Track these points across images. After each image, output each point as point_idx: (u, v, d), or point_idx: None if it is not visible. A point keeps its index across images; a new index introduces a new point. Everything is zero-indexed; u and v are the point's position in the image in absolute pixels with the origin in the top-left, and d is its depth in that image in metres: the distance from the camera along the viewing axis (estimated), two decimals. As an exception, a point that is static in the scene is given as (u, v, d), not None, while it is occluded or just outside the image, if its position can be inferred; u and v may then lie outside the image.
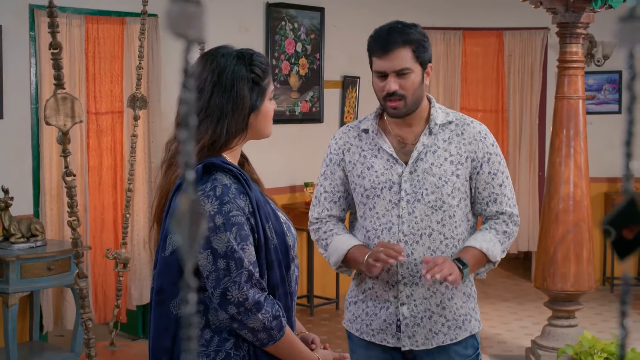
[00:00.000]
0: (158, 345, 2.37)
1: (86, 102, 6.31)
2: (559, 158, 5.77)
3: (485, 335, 6.93)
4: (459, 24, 8.70)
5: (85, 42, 6.27)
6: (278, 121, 7.54)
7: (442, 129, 3.01)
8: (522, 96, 8.70)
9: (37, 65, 6.03)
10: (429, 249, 2.95)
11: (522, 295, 8.18)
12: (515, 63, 8.70)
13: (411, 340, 3.00)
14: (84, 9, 6.28)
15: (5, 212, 5.53)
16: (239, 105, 2.36)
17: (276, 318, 2.30)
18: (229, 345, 2.33)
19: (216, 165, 2.32)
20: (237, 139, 2.40)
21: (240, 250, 2.26)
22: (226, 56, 2.41)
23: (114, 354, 4.12)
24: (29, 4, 5.96)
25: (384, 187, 2.98)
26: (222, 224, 2.26)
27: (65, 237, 6.16)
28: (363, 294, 3.10)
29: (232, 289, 2.26)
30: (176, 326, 2.35)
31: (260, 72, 2.41)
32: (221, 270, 2.26)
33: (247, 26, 7.35)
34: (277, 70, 7.54)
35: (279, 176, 7.42)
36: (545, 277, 5.82)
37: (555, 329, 5.93)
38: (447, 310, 3.01)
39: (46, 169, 6.08)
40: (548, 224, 5.82)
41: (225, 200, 2.27)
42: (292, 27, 7.62)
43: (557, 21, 5.77)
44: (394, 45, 2.89)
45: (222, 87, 2.36)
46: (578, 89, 5.76)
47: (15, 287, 5.33)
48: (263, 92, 2.41)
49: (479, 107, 8.89)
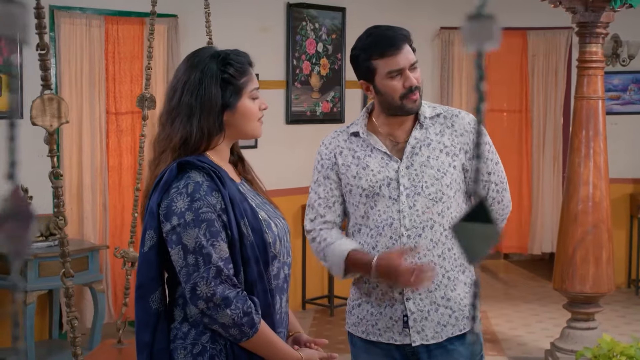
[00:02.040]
0: (140, 339, 2.43)
1: (106, 102, 6.36)
2: (578, 159, 5.72)
3: (505, 336, 6.89)
4: (482, 24, 8.64)
5: (105, 43, 6.32)
6: (298, 121, 7.56)
7: (432, 122, 3.04)
8: (546, 96, 8.64)
9: (57, 65, 6.08)
10: (432, 241, 2.96)
11: (545, 297, 8.11)
12: (539, 63, 8.64)
13: (421, 335, 2.99)
14: (104, 9, 6.33)
15: (24, 211, 5.57)
16: (206, 103, 2.40)
17: (247, 314, 2.32)
18: (205, 339, 2.37)
19: (190, 163, 2.37)
20: (216, 138, 2.44)
21: (209, 246, 2.30)
22: (200, 56, 2.47)
23: (121, 351, 4.15)
24: (49, 5, 6.02)
25: (382, 185, 2.99)
26: (192, 220, 2.31)
27: (85, 236, 6.21)
28: (366, 295, 3.09)
29: (200, 284, 2.30)
30: (155, 320, 2.41)
31: (234, 71, 2.43)
32: (191, 266, 2.31)
33: (268, 26, 7.36)
34: (298, 71, 7.54)
35: (299, 176, 7.42)
36: (564, 279, 5.77)
37: (574, 331, 5.87)
38: (451, 301, 3.01)
39: (66, 168, 6.13)
40: (567, 225, 5.77)
41: (196, 197, 2.32)
42: (313, 27, 7.62)
43: (576, 21, 5.72)
44: (402, 42, 2.94)
45: (191, 86, 2.41)
46: (598, 89, 5.70)
47: (33, 285, 5.39)
48: (238, 90, 2.44)
49: (503, 107, 8.84)
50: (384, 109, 3.03)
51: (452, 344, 3.03)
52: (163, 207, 2.36)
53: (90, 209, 6.25)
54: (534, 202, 8.79)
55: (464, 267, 3.05)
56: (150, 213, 2.39)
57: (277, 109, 7.47)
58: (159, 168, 2.43)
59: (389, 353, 3.06)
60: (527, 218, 8.84)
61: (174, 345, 2.41)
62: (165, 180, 2.37)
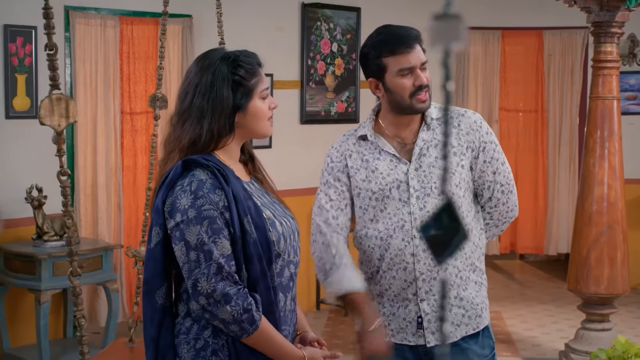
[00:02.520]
0: (147, 334, 2.47)
1: (120, 102, 6.38)
2: (592, 159, 5.69)
3: (520, 337, 6.86)
4: (498, 24, 8.63)
5: (119, 43, 6.34)
6: (313, 121, 7.56)
7: (438, 123, 3.04)
8: (562, 96, 8.60)
9: (72, 65, 6.11)
10: None
11: (561, 298, 8.07)
12: (555, 63, 8.60)
13: (435, 336, 2.99)
14: (119, 9, 6.35)
15: (39, 210, 5.61)
16: (218, 105, 2.43)
17: (247, 311, 2.34)
18: (207, 334, 2.41)
19: (195, 162, 2.41)
20: (225, 138, 2.47)
21: (211, 243, 2.34)
22: (211, 58, 2.49)
23: (132, 350, 4.17)
24: (64, 5, 6.05)
25: (392, 187, 2.99)
26: (194, 217, 2.35)
27: (99, 236, 6.24)
28: (379, 297, 3.09)
29: (201, 280, 2.34)
30: (161, 315, 2.45)
31: (244, 73, 2.47)
32: (192, 262, 2.35)
33: (283, 26, 7.37)
34: (313, 71, 7.54)
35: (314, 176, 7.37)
36: (578, 280, 5.74)
37: (588, 332, 5.84)
38: (464, 301, 3.02)
39: (80, 168, 6.16)
40: (581, 225, 5.74)
41: (199, 194, 2.36)
42: (327, 27, 7.62)
43: (591, 20, 5.69)
44: (414, 41, 2.94)
45: (203, 88, 2.45)
46: (613, 89, 5.67)
47: (47, 284, 5.41)
48: (249, 92, 2.47)
49: (519, 107, 8.81)
50: (392, 108, 3.02)
51: (466, 343, 3.03)
52: (168, 204, 2.40)
53: (105, 208, 6.28)
54: (549, 203, 8.76)
55: (474, 266, 3.05)
56: (156, 210, 2.43)
57: (292, 108, 7.48)
58: (166, 167, 2.47)
59: (401, 353, 3.06)
60: (542, 219, 8.81)
61: (178, 340, 2.45)
62: (170, 178, 2.41)
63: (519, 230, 8.91)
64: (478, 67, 8.63)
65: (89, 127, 6.21)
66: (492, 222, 3.12)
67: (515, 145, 8.85)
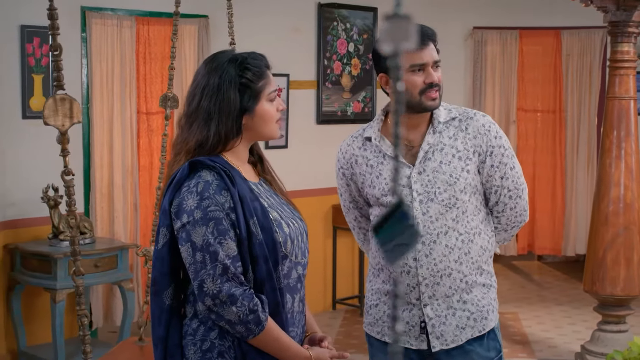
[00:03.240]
0: (155, 334, 2.48)
1: (137, 102, 6.41)
2: (609, 159, 5.65)
3: (537, 338, 6.83)
4: (515, 24, 8.59)
5: (136, 43, 6.37)
6: (329, 121, 7.56)
7: (446, 126, 3.02)
8: (580, 96, 8.55)
9: (89, 66, 6.14)
10: (447, 247, 2.95)
11: (578, 299, 8.03)
12: (573, 63, 8.56)
13: (440, 340, 2.98)
14: (135, 10, 6.38)
15: (54, 210, 5.65)
16: (225, 108, 2.44)
17: (253, 312, 2.35)
18: (213, 335, 2.41)
19: (202, 163, 2.41)
20: (233, 140, 2.48)
21: (217, 244, 2.34)
22: (219, 60, 2.50)
23: (142, 349, 4.18)
24: (81, 6, 6.08)
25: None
26: (200, 218, 2.35)
27: (115, 235, 6.27)
28: (385, 296, 3.09)
29: (207, 282, 2.35)
30: (169, 316, 2.46)
31: (252, 75, 2.47)
32: (198, 263, 2.36)
33: (299, 27, 7.37)
34: (329, 71, 7.54)
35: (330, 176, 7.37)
36: (594, 281, 5.71)
37: (604, 334, 5.80)
38: (468, 303, 3.00)
39: (97, 168, 6.19)
40: (597, 226, 5.70)
41: (205, 195, 2.37)
42: (344, 27, 7.61)
43: (608, 20, 5.65)
44: (428, 39, 2.94)
45: (210, 90, 2.45)
46: (629, 88, 5.64)
47: (63, 283, 5.45)
48: (256, 94, 2.47)
49: (536, 107, 8.77)
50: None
51: (471, 345, 3.02)
52: (174, 205, 2.41)
53: (121, 208, 6.31)
54: (567, 204, 8.71)
55: (481, 269, 3.03)
56: (163, 211, 2.44)
57: (308, 109, 7.48)
58: (173, 169, 2.48)
59: (406, 354, 3.06)
60: (560, 219, 8.76)
61: (185, 341, 2.46)
62: (177, 180, 2.42)
63: (537, 231, 8.86)
64: (496, 67, 8.60)
65: (105, 127, 6.24)
66: (500, 226, 3.11)
67: (533, 145, 8.81)
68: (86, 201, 6.20)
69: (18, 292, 5.74)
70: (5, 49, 5.65)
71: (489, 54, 8.59)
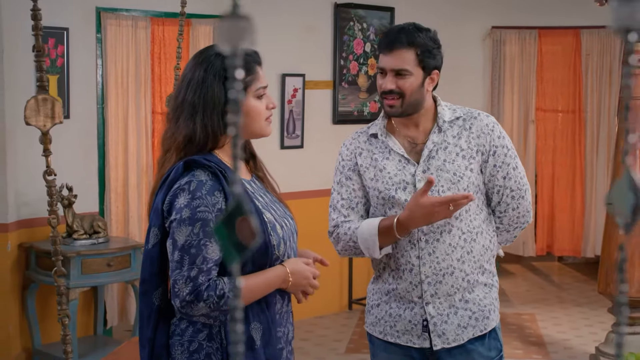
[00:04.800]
0: (143, 334, 2.46)
1: (151, 102, 6.44)
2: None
3: (552, 340, 6.78)
4: (534, 23, 8.54)
5: (151, 44, 6.40)
6: (346, 121, 7.55)
7: (450, 125, 3.02)
8: (600, 96, 8.48)
9: (103, 66, 6.19)
10: (450, 245, 2.94)
11: (597, 301, 7.96)
12: (593, 62, 8.49)
13: (442, 339, 2.98)
14: (150, 10, 6.41)
15: (69, 209, 5.69)
16: (209, 101, 2.40)
17: (221, 297, 2.32)
18: (202, 337, 2.40)
19: (196, 162, 2.38)
20: (222, 136, 2.44)
21: (200, 246, 2.31)
22: (206, 54, 2.47)
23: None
24: (96, 7, 6.13)
25: (398, 188, 2.98)
26: (188, 217, 2.32)
27: (130, 235, 6.31)
28: (386, 296, 3.09)
29: (179, 282, 2.33)
30: (157, 316, 2.44)
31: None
32: (175, 262, 2.34)
33: (315, 26, 7.37)
34: (345, 71, 7.54)
35: (346, 176, 7.41)
36: (608, 283, 5.66)
37: (619, 335, 5.75)
38: (470, 303, 3.00)
39: (112, 167, 6.23)
40: (612, 227, 5.65)
41: (197, 195, 2.34)
42: (360, 27, 7.61)
43: (623, 19, 5.61)
44: (398, 45, 2.91)
45: (194, 83, 2.42)
46: (645, 88, 5.59)
47: (76, 282, 5.49)
48: (243, 89, 2.44)
49: (556, 107, 8.71)
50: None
51: (472, 344, 3.01)
52: (167, 203, 2.38)
53: (136, 207, 6.34)
54: (587, 205, 8.65)
55: (482, 268, 3.03)
56: (155, 211, 2.42)
57: (324, 109, 7.48)
58: (165, 167, 2.46)
59: (407, 353, 3.06)
60: (580, 220, 8.70)
61: (172, 341, 2.44)
62: (171, 179, 2.39)
63: (556, 232, 8.81)
64: (514, 67, 8.55)
65: (120, 127, 6.28)
66: (502, 226, 3.10)
67: (552, 146, 8.75)
68: (101, 201, 6.24)
69: (33, 290, 5.79)
70: (20, 49, 5.70)
71: (508, 54, 8.54)
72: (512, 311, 7.62)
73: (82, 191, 5.92)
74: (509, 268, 9.33)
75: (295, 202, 7.22)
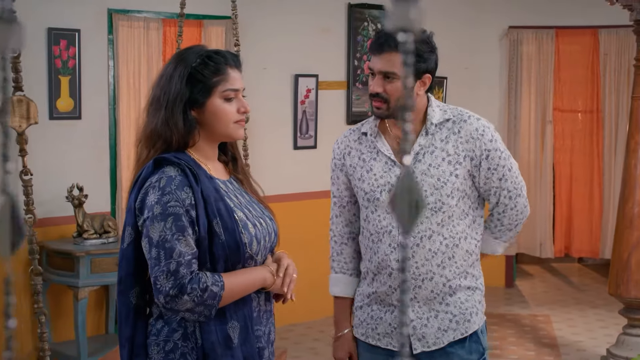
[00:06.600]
0: (122, 333, 2.48)
1: (163, 103, 6.48)
2: (634, 160, 5.55)
3: (566, 341, 6.74)
4: (552, 23, 8.48)
5: (162, 45, 6.44)
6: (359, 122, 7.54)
7: (439, 128, 2.99)
8: (618, 96, 8.40)
9: (115, 67, 6.23)
10: (430, 251, 2.94)
11: (613, 302, 7.84)
12: (611, 62, 8.42)
13: (422, 342, 2.98)
14: (162, 12, 6.45)
15: (79, 209, 5.75)
16: (171, 97, 2.43)
17: (205, 290, 2.34)
18: (177, 336, 2.41)
19: (166, 160, 2.41)
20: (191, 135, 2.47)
21: (174, 240, 2.34)
22: (185, 53, 2.51)
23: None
24: (107, 8, 6.18)
25: (382, 190, 2.97)
26: (159, 213, 2.35)
27: (142, 234, 6.35)
28: (368, 298, 3.10)
29: (160, 279, 2.34)
30: (135, 315, 2.46)
31: (206, 69, 2.44)
32: (153, 259, 2.36)
33: (329, 27, 7.38)
34: (359, 71, 7.54)
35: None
36: (619, 284, 5.61)
37: (629, 338, 5.70)
38: (451, 306, 2.99)
39: (123, 168, 6.28)
40: (622, 228, 5.60)
41: (166, 191, 2.36)
42: (374, 27, 7.60)
43: (633, 18, 5.57)
44: (387, 48, 2.89)
45: (162, 80, 2.47)
46: (655, 88, 5.53)
47: (85, 281, 5.54)
48: (208, 89, 2.45)
49: (574, 107, 8.65)
50: None
51: (452, 347, 3.00)
52: (138, 202, 2.41)
53: (147, 207, 6.38)
54: (605, 206, 8.57)
55: (465, 273, 3.02)
56: (128, 210, 2.45)
57: (338, 109, 7.49)
58: (139, 163, 2.50)
59: (389, 355, 3.06)
60: (598, 221, 8.62)
61: (149, 341, 2.46)
62: (142, 177, 2.43)
63: (574, 233, 8.74)
64: (532, 67, 8.49)
65: (131, 128, 6.32)
66: (504, 227, 3.10)
67: (570, 146, 8.68)
68: (112, 200, 6.29)
69: (44, 289, 5.84)
70: (32, 51, 5.77)
71: (525, 54, 8.49)
72: (527, 312, 7.58)
73: (93, 191, 5.97)
74: (527, 269, 9.28)
75: (308, 202, 7.23)
